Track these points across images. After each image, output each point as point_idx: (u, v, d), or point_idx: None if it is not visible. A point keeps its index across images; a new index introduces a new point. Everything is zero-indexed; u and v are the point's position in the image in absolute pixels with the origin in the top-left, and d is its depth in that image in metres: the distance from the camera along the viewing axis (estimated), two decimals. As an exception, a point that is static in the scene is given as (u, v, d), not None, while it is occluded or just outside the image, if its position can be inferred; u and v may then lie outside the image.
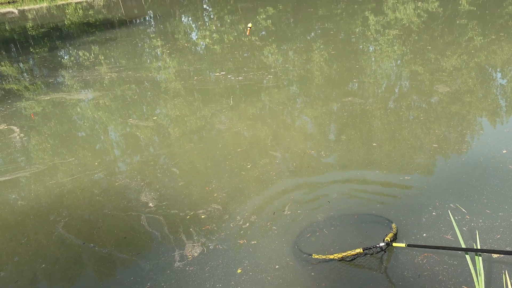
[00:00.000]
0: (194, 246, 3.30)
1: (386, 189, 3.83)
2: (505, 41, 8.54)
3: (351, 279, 2.83)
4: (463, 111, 5.43)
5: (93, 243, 3.48)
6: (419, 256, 2.94)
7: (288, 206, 3.71)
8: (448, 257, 2.89)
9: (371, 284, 2.76)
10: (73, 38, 15.36)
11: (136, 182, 4.41)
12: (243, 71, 8.49)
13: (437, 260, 2.89)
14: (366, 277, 2.85)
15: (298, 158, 4.58)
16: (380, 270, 2.88)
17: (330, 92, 6.72)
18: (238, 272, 2.99)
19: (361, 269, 2.92)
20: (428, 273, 2.77)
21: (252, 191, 4.02)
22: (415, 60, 8.13)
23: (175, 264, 3.14)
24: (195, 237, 3.42)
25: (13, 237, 3.71)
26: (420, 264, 2.87)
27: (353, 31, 11.39)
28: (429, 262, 2.87)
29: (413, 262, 2.89)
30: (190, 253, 3.23)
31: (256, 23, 14.39)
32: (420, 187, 3.80)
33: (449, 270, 2.78)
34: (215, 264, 3.09)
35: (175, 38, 13.49)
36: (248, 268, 3.02)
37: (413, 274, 2.79)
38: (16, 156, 5.42)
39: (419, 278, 2.74)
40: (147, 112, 6.65)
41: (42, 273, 3.22)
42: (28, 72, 10.85)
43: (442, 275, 2.74)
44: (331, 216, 3.52)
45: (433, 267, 2.82)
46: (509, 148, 4.33)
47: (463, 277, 2.71)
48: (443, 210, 3.41)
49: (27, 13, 24.83)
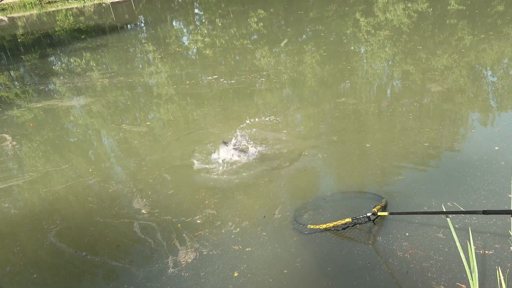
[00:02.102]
0: (188, 252, 3.28)
1: (382, 189, 3.84)
2: (494, 40, 8.63)
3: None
4: (455, 110, 5.46)
5: (85, 251, 3.44)
6: (406, 253, 2.96)
7: (278, 209, 3.72)
8: (434, 252, 2.92)
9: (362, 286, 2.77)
10: (64, 45, 15.28)
11: (129, 189, 4.37)
12: (235, 74, 8.49)
13: (423, 255, 2.93)
14: (357, 278, 2.85)
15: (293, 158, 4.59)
16: (371, 259, 2.89)
17: (322, 93, 6.74)
18: (234, 275, 2.98)
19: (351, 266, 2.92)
20: (416, 269, 2.78)
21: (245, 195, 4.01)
22: (406, 60, 8.19)
23: (169, 270, 3.12)
24: (188, 243, 3.40)
25: (5, 246, 3.66)
26: (407, 261, 2.88)
27: (344, 32, 11.46)
28: (415, 258, 2.89)
29: (400, 258, 2.89)
30: (184, 259, 3.21)
31: (247, 26, 14.42)
32: (416, 187, 3.81)
33: (437, 266, 2.79)
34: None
35: (166, 43, 13.48)
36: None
37: (400, 269, 2.79)
38: (9, 165, 5.37)
39: (407, 274, 2.77)
40: (140, 118, 6.62)
41: (35, 283, 3.18)
42: (19, 79, 10.77)
43: (431, 272, 2.75)
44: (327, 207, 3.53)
45: (421, 263, 2.83)
46: (501, 145, 4.36)
47: (452, 274, 2.72)
48: (439, 209, 3.42)
49: (17, 21, 24.69)
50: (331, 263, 2.98)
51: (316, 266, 2.97)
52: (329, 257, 3.05)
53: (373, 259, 2.97)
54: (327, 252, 3.10)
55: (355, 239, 3.20)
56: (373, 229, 3.28)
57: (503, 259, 2.80)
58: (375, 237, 3.19)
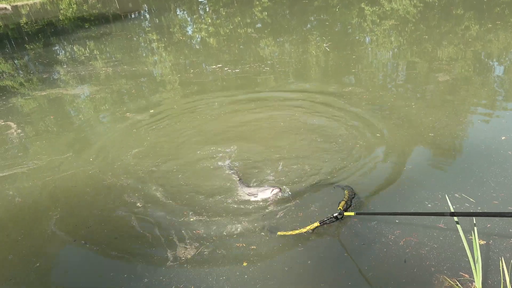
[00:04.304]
0: (187, 248, 3.29)
1: (391, 180, 3.80)
2: (501, 30, 8.52)
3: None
4: (461, 100, 5.42)
5: (84, 240, 3.42)
6: (400, 241, 2.94)
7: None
8: (427, 239, 2.90)
9: (358, 275, 2.77)
10: (68, 34, 15.25)
11: (131, 180, 4.36)
12: (239, 63, 8.45)
13: (417, 242, 2.94)
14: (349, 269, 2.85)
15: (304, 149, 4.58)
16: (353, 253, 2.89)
17: (328, 82, 6.69)
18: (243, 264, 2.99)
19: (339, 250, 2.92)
20: (414, 259, 2.77)
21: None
22: (412, 50, 8.11)
23: (170, 260, 3.13)
24: (186, 239, 3.39)
25: (9, 234, 3.69)
26: (404, 250, 2.86)
27: (350, 22, 11.35)
28: (412, 246, 2.87)
29: (394, 246, 2.88)
30: (183, 253, 3.22)
31: (252, 15, 14.31)
32: (423, 178, 3.76)
33: (434, 254, 2.78)
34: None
35: (170, 32, 13.41)
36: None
37: (399, 259, 2.79)
38: (14, 152, 5.39)
39: (405, 263, 2.76)
40: (144, 106, 6.60)
41: (36, 270, 3.18)
42: (23, 68, 10.77)
43: (429, 260, 2.74)
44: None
45: (418, 251, 2.82)
46: (508, 135, 4.33)
47: (451, 263, 2.71)
48: (442, 201, 3.39)
49: (20, 9, 24.63)
50: (323, 261, 2.94)
51: (306, 263, 2.92)
52: (316, 252, 3.00)
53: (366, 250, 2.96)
54: (311, 247, 3.05)
55: (340, 233, 3.16)
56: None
57: (502, 250, 2.79)
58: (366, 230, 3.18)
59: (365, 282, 2.69)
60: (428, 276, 2.65)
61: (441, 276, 2.64)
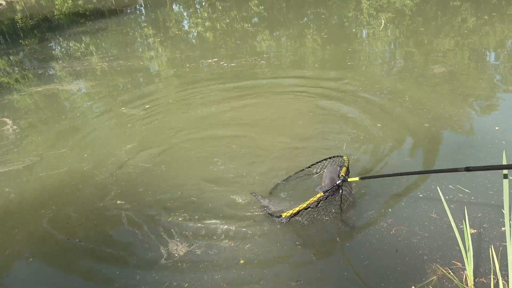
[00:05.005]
0: (178, 244, 3.30)
1: (388, 172, 3.83)
2: (498, 22, 8.52)
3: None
4: (456, 91, 5.42)
5: (77, 236, 3.43)
6: (391, 229, 2.97)
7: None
8: (418, 227, 2.92)
9: (350, 269, 2.79)
10: (63, 29, 15.16)
11: (124, 176, 4.36)
12: (236, 57, 8.43)
13: (409, 230, 2.95)
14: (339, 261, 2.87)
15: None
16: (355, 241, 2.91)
17: (324, 75, 6.69)
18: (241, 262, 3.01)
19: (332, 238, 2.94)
20: (405, 248, 2.80)
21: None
22: (408, 42, 8.10)
23: (163, 258, 3.14)
24: (177, 236, 3.38)
25: (6, 229, 3.70)
26: (395, 238, 2.88)
27: (346, 15, 11.31)
28: (402, 234, 2.89)
29: (386, 236, 2.90)
30: (175, 251, 3.24)
31: (248, 9, 14.25)
32: (415, 169, 3.79)
33: (426, 242, 2.80)
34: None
35: (166, 27, 13.36)
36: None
37: (390, 248, 2.81)
38: (9, 148, 5.39)
39: (397, 252, 2.78)
40: (140, 101, 6.58)
41: (30, 267, 3.19)
42: (18, 64, 10.73)
43: (421, 249, 2.76)
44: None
45: (410, 240, 2.84)
46: (502, 125, 4.35)
47: (442, 251, 2.73)
48: (434, 191, 3.40)
49: (15, 5, 24.45)
50: (313, 249, 2.96)
51: (299, 254, 2.95)
52: (311, 243, 3.03)
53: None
54: (307, 238, 3.08)
55: (334, 222, 3.18)
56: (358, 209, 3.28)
57: (492, 238, 2.81)
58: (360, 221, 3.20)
59: (362, 271, 2.71)
60: (420, 265, 2.68)
61: (433, 265, 2.66)
